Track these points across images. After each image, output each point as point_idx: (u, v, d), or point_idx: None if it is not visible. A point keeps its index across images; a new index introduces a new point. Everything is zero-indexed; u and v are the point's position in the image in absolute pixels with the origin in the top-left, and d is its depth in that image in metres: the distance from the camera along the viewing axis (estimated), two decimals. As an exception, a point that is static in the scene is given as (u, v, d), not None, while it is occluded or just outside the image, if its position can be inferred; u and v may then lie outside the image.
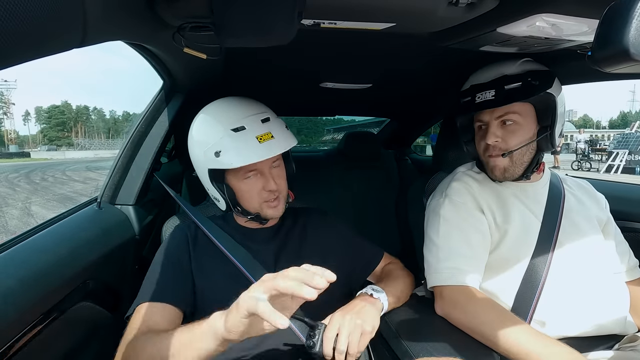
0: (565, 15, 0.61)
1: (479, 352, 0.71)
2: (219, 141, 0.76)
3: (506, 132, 0.87)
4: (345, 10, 0.65)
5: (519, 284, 0.82)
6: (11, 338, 0.60)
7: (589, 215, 0.91)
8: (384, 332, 0.79)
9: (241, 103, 0.83)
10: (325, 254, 0.88)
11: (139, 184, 1.15)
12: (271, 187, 0.81)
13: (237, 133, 0.76)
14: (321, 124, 35.09)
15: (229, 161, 0.75)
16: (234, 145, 0.75)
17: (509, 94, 0.83)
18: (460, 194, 0.91)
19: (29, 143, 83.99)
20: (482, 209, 0.89)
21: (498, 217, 0.88)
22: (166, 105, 1.18)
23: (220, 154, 0.75)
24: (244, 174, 0.81)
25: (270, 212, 0.84)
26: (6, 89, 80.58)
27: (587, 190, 0.99)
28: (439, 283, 0.83)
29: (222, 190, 0.81)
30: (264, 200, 0.83)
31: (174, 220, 1.00)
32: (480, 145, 0.92)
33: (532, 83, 0.82)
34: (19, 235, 0.78)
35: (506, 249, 0.85)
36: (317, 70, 1.18)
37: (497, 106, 0.85)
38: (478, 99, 0.88)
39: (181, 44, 0.67)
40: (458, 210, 0.89)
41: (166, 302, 0.74)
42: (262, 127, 0.78)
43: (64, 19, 0.39)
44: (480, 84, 0.89)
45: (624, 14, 0.39)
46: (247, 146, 0.75)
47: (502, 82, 0.85)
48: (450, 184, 0.95)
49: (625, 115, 78.40)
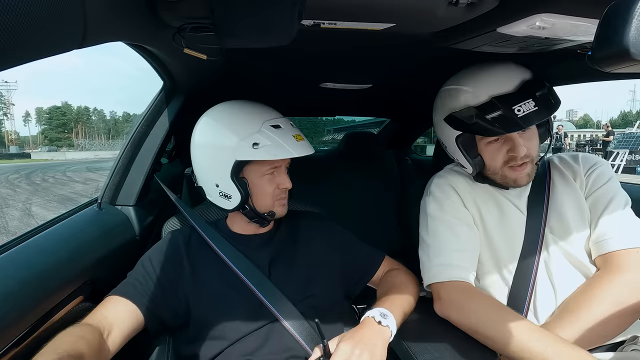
0: (565, 15, 0.61)
1: (480, 352, 0.71)
2: (258, 133, 0.77)
3: (525, 140, 0.81)
4: (345, 11, 0.65)
5: (511, 282, 0.82)
6: (12, 339, 0.60)
7: (576, 197, 0.85)
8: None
9: (264, 106, 0.86)
10: (321, 259, 0.87)
11: (140, 185, 1.15)
12: (288, 184, 0.84)
13: (276, 129, 0.79)
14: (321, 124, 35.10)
15: (271, 152, 0.76)
16: (276, 138, 0.77)
17: (546, 100, 0.77)
18: (443, 190, 0.91)
19: (30, 144, 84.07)
20: (466, 204, 0.89)
21: (484, 213, 0.88)
22: (166, 106, 1.18)
23: (258, 146, 0.76)
24: (268, 170, 0.82)
25: (280, 210, 0.86)
26: (6, 89, 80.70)
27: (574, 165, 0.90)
28: (432, 280, 0.83)
29: (242, 186, 0.80)
30: (277, 198, 0.84)
31: (174, 221, 1.00)
32: (498, 158, 0.83)
33: (546, 84, 0.79)
34: (19, 236, 0.78)
35: (494, 246, 0.85)
36: (317, 70, 1.18)
37: (543, 118, 0.76)
38: (519, 112, 0.75)
39: (181, 45, 0.67)
40: (442, 206, 0.89)
41: (129, 300, 0.75)
42: (294, 129, 0.82)
43: (64, 20, 0.39)
44: (507, 94, 0.78)
45: (624, 14, 0.39)
46: (287, 142, 0.78)
47: (531, 89, 0.78)
48: (432, 181, 0.95)
49: (625, 115, 78.36)
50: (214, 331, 0.75)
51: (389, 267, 0.95)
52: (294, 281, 0.82)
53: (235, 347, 0.74)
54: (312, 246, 0.89)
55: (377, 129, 2.64)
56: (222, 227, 0.91)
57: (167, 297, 0.78)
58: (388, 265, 0.96)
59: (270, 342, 0.75)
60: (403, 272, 0.93)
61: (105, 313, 0.72)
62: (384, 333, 0.70)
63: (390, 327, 0.71)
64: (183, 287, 0.79)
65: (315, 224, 0.95)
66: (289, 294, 0.79)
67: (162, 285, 0.79)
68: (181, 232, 0.89)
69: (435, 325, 0.80)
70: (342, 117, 3.27)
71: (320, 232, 0.93)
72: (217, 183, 0.82)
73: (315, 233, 0.92)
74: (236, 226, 0.90)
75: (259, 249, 0.86)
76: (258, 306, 0.77)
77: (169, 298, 0.78)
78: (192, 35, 0.65)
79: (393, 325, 0.72)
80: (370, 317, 0.73)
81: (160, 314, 0.78)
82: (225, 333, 0.75)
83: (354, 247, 0.95)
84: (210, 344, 0.75)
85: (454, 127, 0.85)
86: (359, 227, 1.38)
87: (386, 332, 0.71)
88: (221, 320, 0.76)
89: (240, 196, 0.80)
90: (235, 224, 0.90)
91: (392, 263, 0.97)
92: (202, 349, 0.75)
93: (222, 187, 0.81)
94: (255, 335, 0.75)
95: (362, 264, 0.94)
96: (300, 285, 0.82)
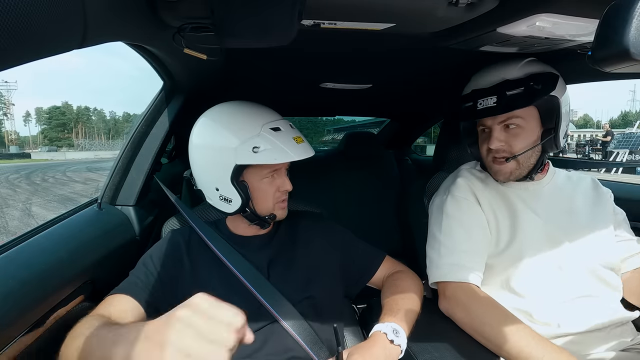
0: (565, 15, 0.61)
1: (480, 353, 0.71)
2: (258, 137, 0.76)
3: (510, 136, 0.86)
4: (345, 11, 0.64)
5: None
6: (12, 339, 0.60)
7: (594, 212, 0.89)
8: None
9: (264, 107, 0.85)
10: (321, 259, 0.87)
11: (140, 185, 1.14)
12: (288, 187, 0.83)
13: (276, 132, 0.78)
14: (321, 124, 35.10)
15: (271, 157, 0.75)
16: (276, 142, 0.76)
17: (511, 101, 0.82)
18: (463, 191, 0.92)
19: (30, 144, 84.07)
20: (483, 207, 0.89)
21: (500, 217, 0.88)
22: (166, 106, 1.18)
23: (258, 150, 0.75)
24: (268, 173, 0.81)
25: (281, 213, 0.85)
26: (6, 89, 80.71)
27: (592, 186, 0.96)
28: (440, 279, 0.83)
29: (242, 190, 0.79)
30: (277, 200, 0.83)
31: (174, 221, 1.00)
32: (483, 148, 0.91)
33: (535, 87, 0.81)
34: (19, 236, 0.78)
35: (512, 249, 0.85)
36: (317, 70, 1.18)
37: (499, 113, 0.84)
38: (480, 105, 0.86)
39: (181, 45, 0.67)
40: (461, 207, 0.89)
41: (131, 296, 0.74)
42: (294, 131, 0.81)
43: (64, 20, 0.39)
44: (481, 89, 0.87)
45: (624, 14, 0.39)
46: (287, 145, 0.77)
47: (503, 88, 0.83)
48: (454, 182, 0.95)
49: (626, 115, 78.36)
50: None
51: (392, 268, 0.94)
52: (293, 282, 0.82)
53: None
54: (311, 246, 0.89)
55: (377, 129, 2.64)
56: (222, 227, 0.91)
57: (167, 293, 0.78)
58: (390, 265, 0.94)
59: (269, 344, 0.75)
60: (409, 276, 0.91)
61: (110, 309, 0.72)
62: (394, 354, 0.70)
63: (402, 347, 0.71)
64: (183, 285, 0.79)
65: (315, 223, 0.95)
66: (288, 294, 0.79)
67: (163, 282, 0.79)
68: (181, 232, 0.89)
69: (436, 325, 0.80)
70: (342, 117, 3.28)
71: (320, 232, 0.93)
72: (217, 187, 0.81)
73: (314, 233, 0.92)
74: (236, 228, 0.89)
75: (258, 251, 0.86)
76: (257, 307, 0.76)
77: (169, 295, 0.78)
78: (192, 35, 0.65)
79: (404, 344, 0.71)
80: (382, 333, 0.71)
81: (161, 311, 0.78)
82: None
83: (354, 247, 0.95)
84: None
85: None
86: (359, 226, 1.38)
87: (396, 352, 0.70)
88: None
89: (240, 200, 0.79)
90: (235, 225, 0.90)
91: (394, 264, 0.95)
92: None
93: (222, 190, 0.81)
94: (255, 337, 0.75)
95: (362, 263, 0.94)
96: (299, 286, 0.82)
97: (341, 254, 0.92)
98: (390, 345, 0.69)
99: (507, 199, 0.90)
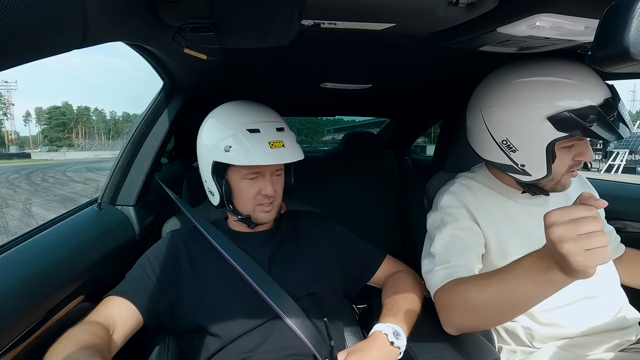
0: (565, 15, 0.61)
1: (480, 352, 0.71)
2: (232, 137, 0.78)
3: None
4: (345, 11, 0.64)
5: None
6: (12, 339, 0.60)
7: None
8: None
9: (260, 108, 0.86)
10: (321, 259, 0.87)
11: (140, 185, 1.15)
12: (268, 191, 0.82)
13: (252, 134, 0.78)
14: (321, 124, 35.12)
15: (237, 158, 0.76)
16: (246, 144, 0.77)
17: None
18: (453, 206, 0.87)
19: (30, 144, 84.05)
20: (477, 219, 0.85)
21: (501, 228, 0.84)
22: (166, 106, 1.18)
23: (230, 149, 0.77)
24: (247, 174, 0.82)
25: (262, 216, 0.85)
26: (6, 89, 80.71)
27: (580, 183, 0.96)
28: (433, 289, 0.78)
29: (220, 185, 0.83)
30: (258, 203, 0.84)
31: (174, 221, 1.00)
32: (565, 164, 0.79)
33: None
34: (19, 236, 0.78)
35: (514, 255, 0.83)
36: (317, 70, 1.18)
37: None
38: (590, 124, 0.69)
39: (181, 45, 0.67)
40: (451, 221, 0.85)
41: (126, 299, 0.76)
42: (276, 135, 0.80)
43: (64, 20, 0.39)
44: (592, 106, 0.71)
45: (624, 14, 0.39)
46: (258, 148, 0.77)
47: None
48: (442, 197, 0.91)
49: (625, 115, 78.49)
50: (214, 328, 0.75)
51: (393, 267, 0.94)
52: (295, 278, 0.82)
53: (236, 344, 0.74)
54: (312, 245, 0.89)
55: (377, 129, 2.64)
56: (221, 225, 0.92)
57: (165, 295, 0.79)
58: (391, 265, 0.94)
59: (271, 339, 0.75)
60: (410, 276, 0.90)
61: (108, 312, 0.73)
62: (393, 356, 0.70)
63: (401, 349, 0.71)
64: (182, 285, 0.80)
65: (316, 223, 0.95)
66: (289, 291, 0.79)
67: (161, 284, 0.79)
68: (180, 232, 0.90)
69: (436, 325, 0.80)
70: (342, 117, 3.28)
71: (321, 232, 0.93)
72: (205, 179, 0.87)
73: (315, 232, 0.92)
74: (234, 224, 0.91)
75: (258, 247, 0.86)
76: (259, 303, 0.77)
77: (167, 296, 0.79)
78: (192, 35, 0.65)
79: (403, 346, 0.71)
80: (383, 333, 0.71)
81: (159, 313, 0.79)
82: (225, 330, 0.75)
83: (354, 246, 0.95)
84: (211, 341, 0.75)
85: (560, 127, 0.71)
86: (359, 226, 1.38)
87: (395, 354, 0.70)
88: (221, 318, 0.76)
89: (219, 194, 0.84)
90: (233, 222, 0.91)
91: (395, 263, 0.95)
92: (203, 347, 0.75)
93: (208, 183, 0.88)
94: (256, 333, 0.75)
95: (363, 262, 0.94)
96: (300, 283, 0.82)
97: (342, 254, 0.92)
98: (390, 347, 0.69)
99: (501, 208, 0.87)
